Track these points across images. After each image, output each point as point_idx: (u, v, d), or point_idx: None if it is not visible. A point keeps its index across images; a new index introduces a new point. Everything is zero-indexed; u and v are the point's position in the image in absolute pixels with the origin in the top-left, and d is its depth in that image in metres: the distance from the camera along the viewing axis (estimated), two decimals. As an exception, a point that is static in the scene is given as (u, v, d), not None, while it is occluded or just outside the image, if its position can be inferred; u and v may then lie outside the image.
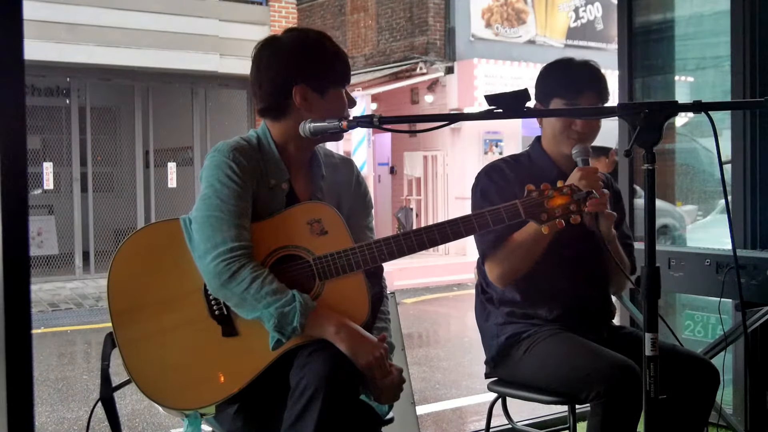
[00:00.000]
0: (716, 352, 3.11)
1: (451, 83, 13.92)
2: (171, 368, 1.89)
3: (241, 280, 1.84)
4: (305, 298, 1.86)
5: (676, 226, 4.41)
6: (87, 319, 9.12)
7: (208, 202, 1.91)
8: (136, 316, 1.90)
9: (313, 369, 1.78)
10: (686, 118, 4.26)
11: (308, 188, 2.10)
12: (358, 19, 15.36)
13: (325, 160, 2.17)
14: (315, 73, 2.02)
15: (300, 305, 1.84)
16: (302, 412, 1.76)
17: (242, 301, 1.86)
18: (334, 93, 2.05)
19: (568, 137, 2.43)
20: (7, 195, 1.88)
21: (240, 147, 2.00)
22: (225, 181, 1.93)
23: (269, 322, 1.84)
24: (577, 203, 2.05)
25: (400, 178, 14.99)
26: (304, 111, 2.03)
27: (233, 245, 1.87)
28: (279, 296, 1.85)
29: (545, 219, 2.04)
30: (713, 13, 3.97)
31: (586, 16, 15.13)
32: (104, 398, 1.97)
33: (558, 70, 2.48)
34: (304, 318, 1.84)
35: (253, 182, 1.98)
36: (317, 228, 1.97)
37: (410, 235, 1.97)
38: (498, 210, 2.02)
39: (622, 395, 2.12)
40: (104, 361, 1.98)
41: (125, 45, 11.12)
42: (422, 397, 5.37)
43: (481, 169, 2.54)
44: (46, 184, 11.44)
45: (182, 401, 1.90)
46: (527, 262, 2.35)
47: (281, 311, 1.83)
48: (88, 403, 5.50)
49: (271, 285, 1.86)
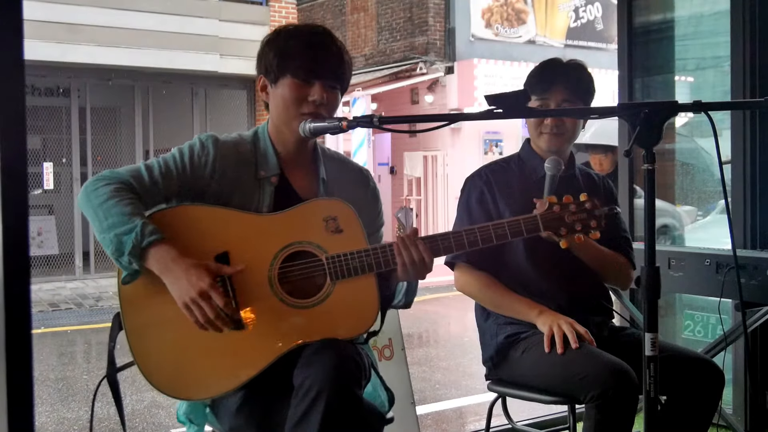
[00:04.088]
0: (716, 352, 3.11)
1: (451, 83, 13.91)
2: (175, 357, 1.89)
3: (101, 194, 1.85)
4: (148, 229, 1.80)
5: (676, 226, 4.41)
6: (87, 319, 9.10)
7: (151, 160, 1.98)
8: (144, 304, 1.90)
9: (317, 368, 1.76)
10: (686, 118, 4.26)
11: (311, 186, 2.09)
12: (358, 19, 15.36)
13: (334, 162, 2.15)
14: (270, 62, 2.01)
15: (136, 236, 1.79)
16: (306, 412, 1.75)
17: (94, 216, 1.85)
18: (285, 82, 1.99)
19: (541, 133, 2.49)
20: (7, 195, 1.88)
21: (222, 138, 2.02)
22: (175, 152, 1.97)
23: (108, 248, 1.82)
24: (597, 219, 2.02)
25: (400, 178, 14.99)
26: (268, 102, 2.06)
27: (119, 173, 1.91)
28: (125, 219, 1.81)
29: (564, 234, 2.02)
30: (713, 13, 3.96)
31: (586, 16, 15.13)
32: (110, 377, 1.96)
33: (535, 70, 2.53)
34: (138, 249, 1.79)
35: (233, 171, 1.99)
36: (332, 225, 1.94)
37: (425, 243, 1.95)
38: (517, 221, 2.00)
39: (616, 399, 2.12)
40: (111, 342, 1.97)
41: (125, 45, 11.12)
42: (422, 397, 5.36)
43: (467, 176, 2.58)
44: (46, 184, 11.45)
45: (183, 391, 1.90)
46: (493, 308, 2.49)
47: (119, 239, 1.81)
48: (88, 403, 5.49)
49: (124, 207, 1.83)
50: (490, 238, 1.98)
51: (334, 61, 2.01)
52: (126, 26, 11.10)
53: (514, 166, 2.56)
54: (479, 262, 2.46)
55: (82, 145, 11.77)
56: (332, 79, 2.01)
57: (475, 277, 2.46)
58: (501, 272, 2.47)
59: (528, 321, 2.38)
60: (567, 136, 2.49)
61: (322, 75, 1.99)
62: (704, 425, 2.34)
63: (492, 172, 2.54)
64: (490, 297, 2.46)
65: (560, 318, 2.31)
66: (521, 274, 2.45)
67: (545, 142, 2.49)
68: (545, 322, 2.32)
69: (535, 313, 2.36)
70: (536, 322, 2.35)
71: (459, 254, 2.45)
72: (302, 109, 1.98)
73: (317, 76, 1.98)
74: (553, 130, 2.47)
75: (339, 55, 2.01)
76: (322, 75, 1.99)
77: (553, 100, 2.44)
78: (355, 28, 15.44)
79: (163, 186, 1.93)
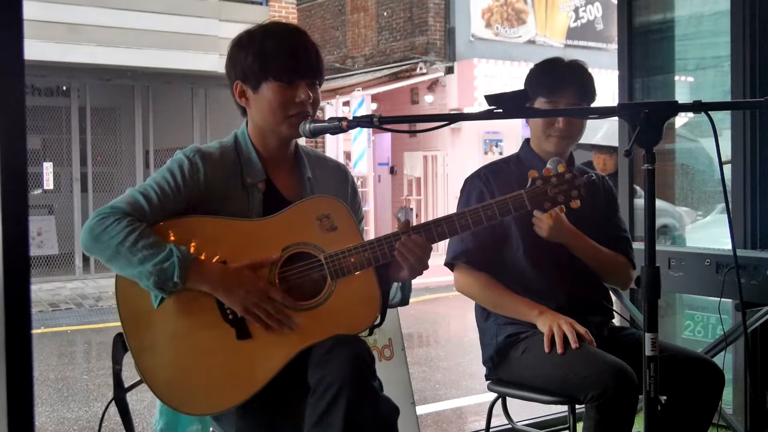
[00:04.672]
0: (716, 352, 3.11)
1: (451, 83, 13.92)
2: (186, 373, 1.87)
3: (116, 234, 1.81)
4: (183, 251, 1.82)
5: (676, 226, 4.40)
6: (87, 319, 9.10)
7: (142, 185, 1.94)
8: (147, 321, 1.88)
9: (334, 366, 1.75)
10: (686, 118, 4.26)
11: (295, 187, 2.07)
12: (358, 19, 15.36)
13: (315, 161, 2.14)
14: (249, 66, 1.98)
15: (179, 260, 1.80)
16: (327, 410, 1.73)
17: (116, 255, 1.82)
18: (269, 87, 1.96)
19: (549, 135, 2.47)
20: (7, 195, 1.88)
21: (207, 151, 1.99)
22: (166, 174, 1.93)
23: (149, 280, 1.80)
24: (577, 188, 2.03)
25: (400, 178, 14.99)
26: (247, 107, 2.03)
27: (119, 207, 1.86)
28: (156, 250, 1.80)
29: (548, 207, 2.03)
30: (713, 13, 3.96)
31: (586, 16, 15.13)
32: (117, 398, 1.96)
33: (540, 70, 2.51)
34: (184, 272, 1.80)
35: (222, 184, 1.96)
36: (327, 224, 1.93)
37: (419, 230, 1.95)
38: (504, 200, 2.00)
39: (616, 399, 2.12)
40: (116, 365, 1.96)
41: (125, 45, 11.12)
42: (422, 397, 5.36)
43: (467, 177, 2.57)
44: (46, 184, 11.45)
45: (198, 406, 1.88)
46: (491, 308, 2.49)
47: (160, 267, 1.79)
48: (87, 403, 5.50)
49: (147, 239, 1.82)
50: (480, 219, 1.98)
51: (314, 57, 2.00)
52: (126, 26, 11.09)
53: (513, 167, 2.56)
54: (479, 263, 2.46)
55: (82, 145, 11.77)
56: (314, 77, 2.01)
57: (475, 278, 2.46)
58: (501, 272, 2.47)
59: (528, 321, 2.38)
60: (574, 138, 2.49)
61: (305, 74, 1.98)
62: (704, 425, 2.34)
63: (491, 173, 2.54)
64: (490, 297, 2.46)
65: (560, 318, 2.31)
66: (521, 274, 2.45)
67: (553, 145, 2.47)
68: (545, 322, 2.32)
69: (536, 313, 2.36)
70: (536, 322, 2.35)
71: (458, 254, 2.45)
72: (289, 111, 1.97)
73: (302, 76, 1.97)
74: (564, 133, 2.45)
75: (315, 50, 2.01)
76: (305, 74, 1.98)
77: (563, 102, 2.42)
78: (355, 28, 15.44)
79: (162, 210, 1.91)
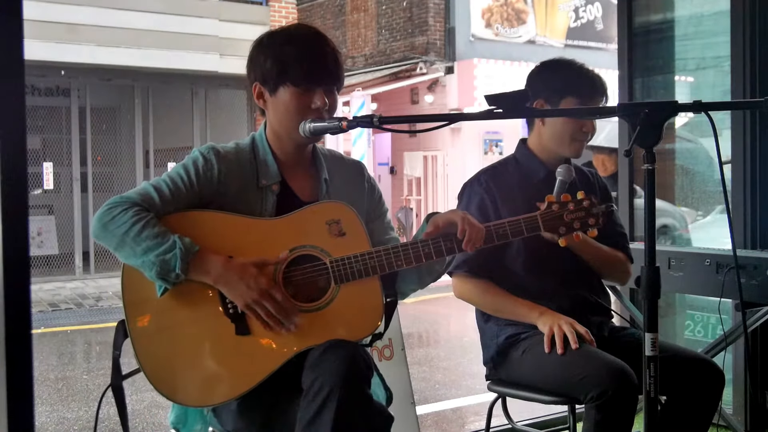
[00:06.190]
0: (716, 352, 3.11)
1: (451, 83, 13.91)
2: (182, 363, 1.88)
3: (122, 223, 1.82)
4: (186, 243, 1.82)
5: (676, 226, 4.40)
6: (87, 319, 9.10)
7: (156, 179, 1.95)
8: (149, 308, 1.88)
9: (327, 369, 1.75)
10: (686, 118, 4.26)
11: (311, 188, 2.08)
12: (358, 19, 15.36)
13: (332, 161, 2.14)
14: (268, 70, 1.98)
15: (181, 251, 1.80)
16: (318, 412, 1.74)
17: (122, 244, 1.82)
18: (286, 91, 1.96)
19: (575, 139, 2.45)
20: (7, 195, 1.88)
21: (223, 150, 1.99)
22: (180, 170, 1.94)
23: (152, 270, 1.81)
24: (595, 216, 2.04)
25: (400, 178, 15.00)
26: (265, 109, 2.04)
27: (129, 197, 1.87)
28: (159, 240, 1.81)
29: (563, 232, 2.04)
30: (713, 13, 3.96)
31: (586, 16, 15.13)
32: (115, 386, 1.95)
33: (571, 70, 2.47)
34: (186, 264, 1.81)
35: (236, 183, 1.97)
36: (336, 229, 1.94)
37: (428, 243, 1.95)
38: (518, 221, 2.01)
39: (616, 399, 2.12)
40: (115, 350, 1.96)
41: (125, 45, 11.13)
42: (422, 397, 5.36)
43: (465, 182, 2.55)
44: (46, 184, 11.45)
45: (187, 397, 1.88)
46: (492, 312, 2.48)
47: (162, 258, 1.80)
48: (88, 403, 5.50)
49: (152, 229, 1.82)
50: (492, 237, 1.99)
51: (332, 64, 1.99)
52: (126, 26, 11.10)
53: (512, 169, 2.54)
54: (479, 271, 2.45)
55: (82, 145, 11.77)
56: (332, 83, 2.00)
57: (474, 284, 2.45)
58: (500, 275, 2.46)
59: (529, 323, 2.38)
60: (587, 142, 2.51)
61: (322, 81, 1.97)
62: (704, 425, 2.34)
63: (491, 177, 2.51)
64: (490, 302, 2.45)
65: (561, 318, 2.31)
66: (520, 276, 2.45)
67: (576, 150, 2.46)
68: (546, 323, 2.32)
69: (536, 314, 2.36)
70: (537, 323, 2.35)
71: (459, 264, 2.44)
72: (306, 116, 1.96)
73: (318, 83, 1.96)
74: (588, 137, 2.46)
75: (334, 56, 2.00)
76: (322, 81, 1.97)
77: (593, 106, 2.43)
78: (355, 28, 15.44)
79: (174, 205, 1.92)
